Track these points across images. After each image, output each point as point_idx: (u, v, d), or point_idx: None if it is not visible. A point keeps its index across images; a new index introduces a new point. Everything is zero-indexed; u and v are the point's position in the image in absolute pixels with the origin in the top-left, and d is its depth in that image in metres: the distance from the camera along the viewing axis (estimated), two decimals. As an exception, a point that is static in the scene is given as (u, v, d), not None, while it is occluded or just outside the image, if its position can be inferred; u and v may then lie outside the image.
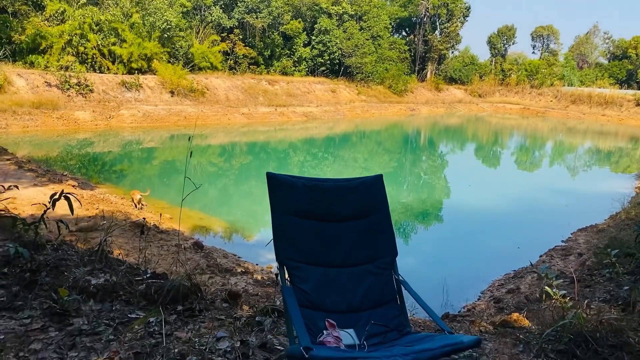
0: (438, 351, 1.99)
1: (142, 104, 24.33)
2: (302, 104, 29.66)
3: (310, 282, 2.46)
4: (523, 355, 2.82)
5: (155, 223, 8.94)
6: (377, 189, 2.75)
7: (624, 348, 2.79)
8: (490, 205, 13.08)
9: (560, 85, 40.59)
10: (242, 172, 16.74)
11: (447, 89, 40.18)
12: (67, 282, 3.27)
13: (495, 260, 9.34)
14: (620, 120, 33.37)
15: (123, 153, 18.10)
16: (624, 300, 4.43)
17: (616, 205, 12.19)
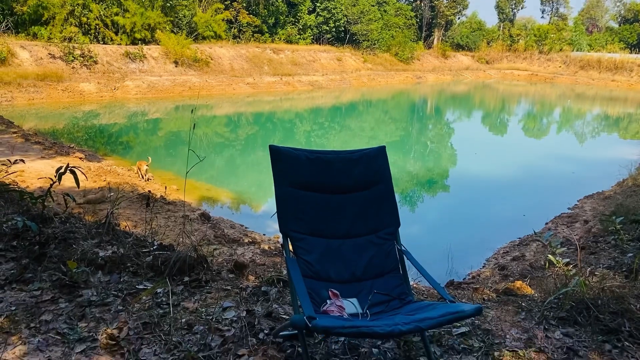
0: (439, 319, 2.03)
1: (146, 74, 24.19)
2: (308, 72, 29.38)
3: (313, 253, 2.49)
4: (525, 322, 2.86)
5: (162, 194, 9.00)
6: (380, 160, 2.76)
7: (625, 315, 2.82)
8: (496, 173, 13.05)
9: (569, 51, 39.85)
10: (248, 142, 16.73)
11: (454, 55, 39.60)
12: (75, 254, 3.32)
13: (500, 227, 9.36)
14: (630, 85, 32.85)
15: (129, 125, 18.11)
16: (627, 267, 4.45)
17: (623, 172, 12.12)
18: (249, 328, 2.70)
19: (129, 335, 2.67)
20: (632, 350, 2.61)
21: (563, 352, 2.58)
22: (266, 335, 2.66)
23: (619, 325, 2.75)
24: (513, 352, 2.57)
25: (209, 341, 2.61)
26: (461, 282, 5.97)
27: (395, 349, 2.59)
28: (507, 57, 40.51)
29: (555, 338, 2.70)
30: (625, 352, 2.60)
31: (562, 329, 2.79)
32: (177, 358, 2.50)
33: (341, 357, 2.51)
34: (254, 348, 2.57)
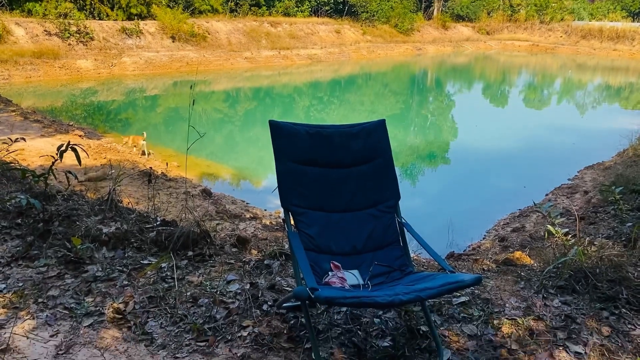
0: (439, 289, 2.07)
1: (143, 50, 23.98)
2: (306, 46, 29.08)
3: (315, 227, 2.52)
4: (524, 291, 2.91)
5: (163, 171, 9.02)
6: (379, 134, 2.77)
7: (622, 282, 2.86)
8: (497, 145, 13.03)
9: (570, 20, 39.34)
10: (247, 118, 16.67)
11: (454, 26, 39.11)
12: (79, 231, 3.36)
13: (501, 199, 9.38)
14: (632, 54, 32.51)
15: (127, 101, 18.03)
16: (626, 237, 4.48)
17: (624, 142, 12.10)
18: (253, 300, 2.75)
19: (135, 309, 2.72)
20: (629, 317, 2.66)
21: (561, 319, 2.64)
22: (270, 307, 2.72)
23: (616, 293, 2.80)
24: (512, 320, 2.62)
25: (213, 313, 2.66)
26: (461, 254, 6.03)
27: (396, 319, 2.64)
28: (508, 28, 40.00)
29: (553, 306, 2.75)
30: (623, 318, 2.65)
31: (561, 297, 2.84)
32: (183, 330, 2.56)
33: (343, 327, 2.56)
34: (258, 319, 2.62)
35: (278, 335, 2.50)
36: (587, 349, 2.43)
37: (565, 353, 2.40)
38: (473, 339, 2.50)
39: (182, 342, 2.47)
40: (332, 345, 2.44)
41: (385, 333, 2.52)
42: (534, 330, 2.55)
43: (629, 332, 2.55)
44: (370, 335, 2.51)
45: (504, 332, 2.53)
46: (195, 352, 2.41)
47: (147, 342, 2.48)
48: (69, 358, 2.36)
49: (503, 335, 2.51)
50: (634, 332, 2.55)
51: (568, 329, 2.56)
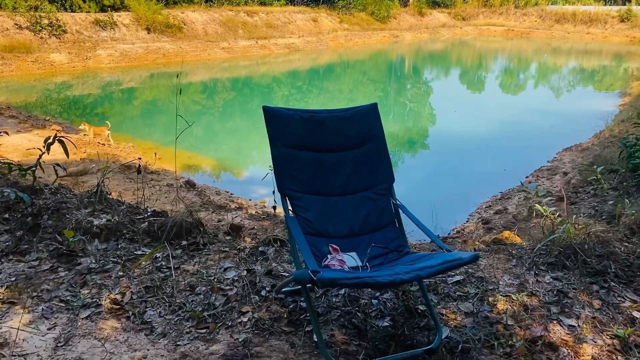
0: (438, 267, 2.10)
1: (118, 42, 23.57)
2: (284, 35, 28.89)
3: (312, 211, 2.54)
4: (516, 269, 2.97)
5: (144, 164, 8.93)
6: (372, 117, 2.79)
7: (610, 257, 2.94)
8: (476, 129, 13.15)
9: (544, 5, 39.76)
10: (226, 109, 16.54)
11: (431, 13, 39.20)
12: (69, 224, 3.32)
13: (482, 183, 9.49)
14: (604, 37, 33.03)
15: (103, 95, 17.74)
16: (608, 215, 4.59)
17: (600, 124, 12.34)
18: (251, 286, 2.76)
19: (133, 299, 2.72)
20: (618, 290, 2.74)
21: (553, 294, 2.70)
22: (268, 293, 2.73)
23: (605, 267, 2.88)
24: (507, 297, 2.68)
25: (212, 300, 2.67)
26: (446, 237, 6.11)
27: (393, 299, 2.68)
28: (483, 13, 40.22)
29: (545, 282, 2.82)
30: (612, 291, 2.73)
31: (552, 273, 2.91)
32: (183, 318, 2.56)
33: (342, 309, 2.59)
34: (257, 305, 2.63)
35: (278, 319, 2.52)
36: (580, 322, 2.50)
37: (559, 326, 2.47)
38: (469, 316, 2.55)
39: (183, 330, 2.48)
40: (332, 327, 2.47)
41: (384, 313, 2.56)
42: (528, 305, 2.61)
43: (619, 305, 2.63)
44: (369, 316, 2.54)
45: (499, 309, 2.59)
46: (196, 339, 2.41)
47: (147, 331, 2.48)
48: (69, 350, 2.35)
49: (498, 312, 2.57)
50: (623, 304, 2.63)
51: (561, 303, 2.63)
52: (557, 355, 2.30)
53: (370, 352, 2.30)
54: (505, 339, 2.38)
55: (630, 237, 3.22)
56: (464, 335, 2.39)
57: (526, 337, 2.38)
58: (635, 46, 30.31)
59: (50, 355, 2.31)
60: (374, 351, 2.30)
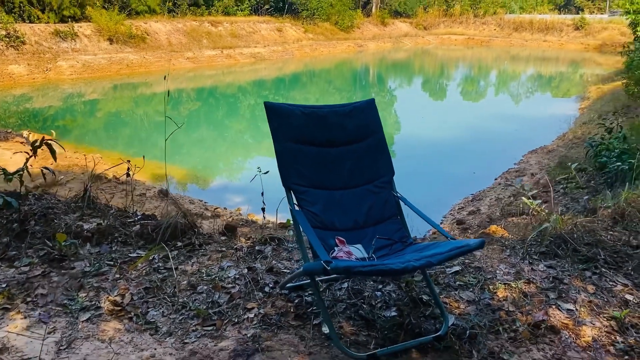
0: (448, 254, 2.15)
1: (80, 54, 23.11)
2: (249, 44, 28.87)
3: (317, 205, 2.56)
4: (510, 258, 3.05)
5: (114, 175, 8.77)
6: (370, 112, 2.84)
7: (598, 245, 3.06)
8: (443, 135, 13.41)
9: (502, 14, 40.97)
10: (191, 119, 16.35)
11: (393, 22, 39.83)
12: (59, 229, 3.25)
13: (453, 186, 9.66)
14: (560, 45, 34.22)
15: (65, 107, 17.34)
16: (583, 209, 4.74)
17: (563, 127, 12.77)
18: (254, 283, 2.75)
19: (133, 300, 2.67)
20: (609, 275, 2.84)
21: (549, 281, 2.79)
22: (271, 289, 2.73)
23: (594, 254, 2.98)
24: (506, 285, 2.75)
25: (216, 299, 2.65)
26: (423, 239, 6.21)
27: (397, 291, 2.71)
28: (444, 22, 41.13)
29: (540, 270, 2.91)
30: (603, 277, 2.83)
31: (545, 262, 3.00)
32: (187, 317, 2.53)
33: (347, 302, 2.61)
34: (262, 301, 2.63)
35: (285, 314, 2.52)
36: (577, 306, 2.58)
37: (558, 311, 2.54)
38: (472, 304, 2.61)
39: (189, 328, 2.45)
40: (340, 319, 2.48)
41: (389, 304, 2.59)
42: (527, 292, 2.68)
43: (612, 289, 2.74)
44: (375, 307, 2.57)
45: (500, 296, 2.66)
46: (203, 336, 2.39)
47: (151, 331, 2.44)
48: (73, 352, 2.29)
49: (499, 299, 2.64)
50: (615, 288, 2.74)
51: (557, 289, 2.71)
52: (559, 337, 2.37)
53: (380, 341, 2.32)
54: (508, 324, 2.44)
55: (613, 226, 3.35)
56: (470, 322, 2.44)
57: (528, 321, 2.45)
58: (589, 53, 31.50)
59: (54, 359, 2.25)
60: (383, 340, 2.32)
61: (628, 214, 3.43)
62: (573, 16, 37.78)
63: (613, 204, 3.60)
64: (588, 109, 14.60)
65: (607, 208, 3.74)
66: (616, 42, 27.63)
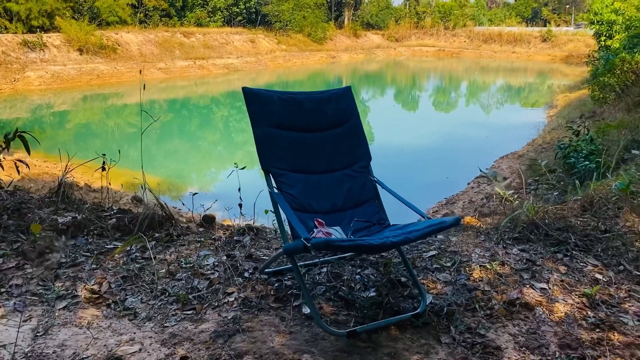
0: (425, 230, 2.20)
1: (49, 64, 22.77)
2: (222, 55, 28.88)
3: (296, 187, 2.58)
4: (485, 243, 3.12)
5: (85, 183, 8.66)
6: (348, 99, 2.89)
7: (569, 230, 3.15)
8: (416, 143, 13.58)
9: (472, 26, 41.90)
10: (163, 131, 16.19)
11: (365, 34, 40.36)
12: (34, 222, 3.19)
13: (427, 191, 9.80)
14: (529, 56, 35.14)
15: (33, 118, 17.02)
16: (555, 202, 4.86)
17: (533, 133, 13.08)
18: (233, 269, 2.76)
19: (111, 288, 2.65)
20: (580, 257, 2.93)
21: (523, 263, 2.86)
22: (251, 274, 2.73)
23: (565, 238, 3.07)
24: (481, 267, 2.81)
25: (195, 285, 2.64)
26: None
27: (375, 274, 2.75)
28: (415, 34, 41.87)
29: (513, 253, 2.98)
30: (574, 259, 2.92)
31: (518, 246, 3.07)
32: (167, 302, 2.52)
33: (327, 285, 2.64)
34: (242, 285, 2.63)
35: (265, 297, 2.53)
36: (550, 285, 2.65)
37: (532, 290, 2.61)
38: (449, 284, 2.66)
39: (168, 313, 2.44)
40: (320, 300, 2.50)
41: (368, 286, 2.62)
42: (502, 273, 2.75)
43: (582, 269, 2.82)
44: (354, 289, 2.60)
45: (475, 277, 2.71)
46: (183, 320, 2.38)
47: (130, 316, 2.42)
48: (50, 338, 2.26)
49: (475, 280, 2.69)
50: (585, 269, 2.82)
51: (531, 270, 2.78)
52: (533, 314, 2.43)
53: (360, 319, 2.35)
54: (484, 302, 2.50)
55: (583, 213, 3.45)
56: (447, 300, 2.48)
57: (504, 300, 2.51)
58: (556, 64, 32.40)
59: (31, 345, 2.21)
60: (363, 319, 2.35)
61: (596, 202, 3.54)
62: (540, 28, 38.87)
63: (582, 194, 3.72)
64: (556, 116, 14.99)
65: (576, 200, 3.85)
66: (581, 53, 28.48)
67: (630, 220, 3.27)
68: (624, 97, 10.57)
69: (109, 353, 2.12)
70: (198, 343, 2.20)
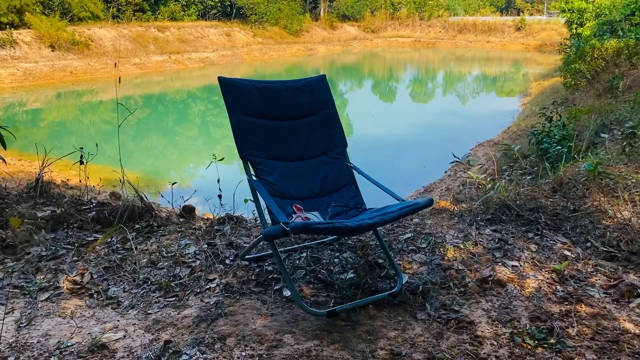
0: (399, 212, 2.28)
1: (20, 61, 22.35)
2: (197, 49, 28.63)
3: (274, 175, 2.64)
4: (459, 224, 3.22)
5: (62, 180, 8.58)
6: (322, 87, 2.95)
7: (539, 210, 3.26)
8: (393, 134, 13.69)
9: (447, 16, 42.17)
10: (139, 127, 16.04)
11: (342, 26, 40.32)
12: (12, 217, 3.19)
13: (405, 179, 9.91)
14: (503, 45, 35.52)
15: (5, 117, 16.70)
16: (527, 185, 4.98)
17: (507, 121, 13.30)
18: (214, 257, 2.81)
19: (93, 278, 2.68)
20: (549, 236, 3.05)
21: (495, 242, 2.96)
22: (232, 261, 2.79)
23: (536, 218, 3.19)
24: (455, 247, 2.90)
25: (177, 272, 2.69)
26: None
27: (353, 257, 2.82)
28: (391, 26, 41.97)
29: (486, 234, 3.08)
30: (544, 237, 3.03)
31: (491, 227, 3.18)
32: (149, 290, 2.56)
33: (307, 269, 2.70)
34: (224, 272, 2.68)
35: (246, 282, 2.59)
36: (521, 262, 2.76)
37: (504, 267, 2.71)
38: (424, 265, 2.74)
39: (151, 300, 2.48)
40: (300, 284, 2.57)
41: (346, 268, 2.69)
42: (475, 253, 2.85)
43: (552, 247, 2.93)
44: (333, 272, 2.67)
45: (449, 257, 2.81)
46: (166, 306, 2.43)
47: (113, 305, 2.46)
48: (34, 328, 2.28)
49: (449, 259, 2.78)
50: (555, 246, 2.93)
51: (502, 249, 2.89)
52: (505, 290, 2.53)
53: (339, 300, 2.42)
54: (458, 280, 2.59)
55: (553, 195, 3.57)
56: (422, 279, 2.57)
57: (477, 277, 2.60)
58: (530, 53, 32.81)
59: (15, 336, 2.24)
60: (342, 299, 2.42)
61: (566, 183, 3.67)
62: (514, 18, 39.28)
63: (553, 177, 3.84)
64: (530, 104, 15.24)
65: (547, 183, 3.98)
66: (554, 41, 28.86)
67: (597, 200, 3.40)
68: (594, 83, 10.81)
69: (93, 340, 2.15)
70: (181, 328, 2.25)
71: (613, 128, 7.37)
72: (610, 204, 3.35)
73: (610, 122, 7.74)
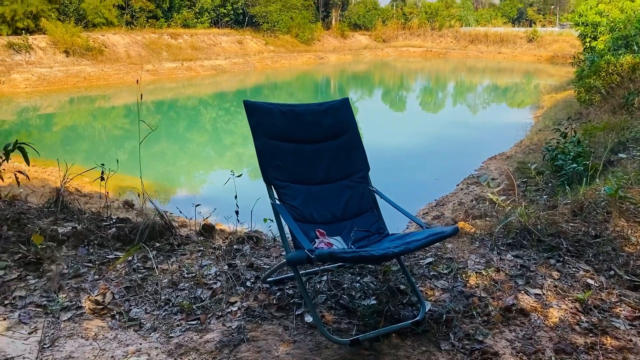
0: (424, 240, 2.26)
1: (35, 66, 22.58)
2: (210, 57, 28.82)
3: (297, 199, 2.64)
4: (480, 249, 3.20)
5: (75, 188, 8.63)
6: (345, 110, 2.95)
7: (561, 235, 3.24)
8: (404, 145, 13.66)
9: (458, 27, 42.23)
10: (151, 133, 16.12)
11: (353, 35, 40.51)
12: (34, 233, 3.21)
13: (417, 192, 9.89)
14: (514, 56, 35.52)
15: (19, 122, 16.89)
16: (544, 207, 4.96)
17: (520, 134, 13.24)
18: (235, 279, 2.81)
19: (115, 298, 2.68)
20: (572, 262, 3.02)
21: (517, 269, 2.94)
22: (252, 284, 2.79)
23: (557, 244, 3.16)
24: (477, 273, 2.88)
25: (198, 294, 2.69)
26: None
27: (374, 281, 2.81)
28: (402, 35, 42.09)
29: (508, 259, 3.06)
30: (567, 264, 3.01)
31: (512, 252, 3.16)
32: (171, 312, 2.56)
33: (327, 294, 2.69)
34: (245, 295, 2.68)
35: (268, 306, 2.58)
36: (544, 290, 2.74)
37: (527, 296, 2.69)
38: (446, 291, 2.73)
39: (173, 323, 2.48)
40: (321, 309, 2.56)
41: (368, 294, 2.68)
42: (497, 280, 2.83)
43: (574, 274, 2.91)
44: (355, 297, 2.66)
45: (472, 284, 2.79)
46: (188, 330, 2.43)
47: (135, 327, 2.47)
48: (57, 350, 2.29)
49: (471, 286, 2.77)
50: (578, 274, 2.91)
51: (525, 276, 2.86)
52: (528, 319, 2.51)
53: (362, 327, 2.41)
54: (481, 308, 2.57)
55: (574, 218, 3.55)
56: (445, 307, 2.55)
57: (500, 306, 2.58)
58: (542, 64, 32.75)
59: (38, 357, 2.25)
60: (365, 327, 2.41)
61: (586, 207, 3.64)
62: (526, 29, 39.27)
63: (572, 199, 3.81)
64: (543, 117, 15.17)
65: (566, 205, 3.95)
66: (566, 53, 28.83)
67: (619, 225, 3.37)
68: (609, 99, 10.75)
69: (117, 364, 2.16)
70: (204, 353, 2.24)
71: (629, 146, 7.33)
72: (632, 230, 3.32)
73: (626, 140, 7.69)
